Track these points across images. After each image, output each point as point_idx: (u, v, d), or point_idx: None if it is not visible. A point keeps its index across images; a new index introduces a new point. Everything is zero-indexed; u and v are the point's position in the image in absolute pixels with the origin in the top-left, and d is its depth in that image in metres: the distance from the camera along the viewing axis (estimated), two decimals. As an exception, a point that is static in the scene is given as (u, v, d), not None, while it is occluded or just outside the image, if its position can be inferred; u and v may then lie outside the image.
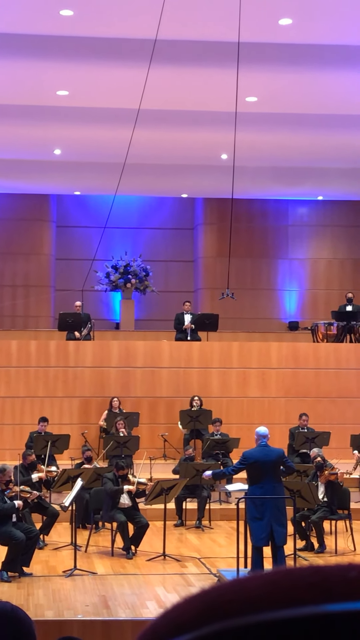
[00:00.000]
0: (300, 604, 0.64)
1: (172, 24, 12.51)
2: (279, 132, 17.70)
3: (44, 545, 11.57)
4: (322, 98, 15.83)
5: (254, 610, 0.65)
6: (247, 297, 23.16)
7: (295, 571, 0.67)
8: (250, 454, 9.92)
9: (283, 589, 0.65)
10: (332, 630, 0.64)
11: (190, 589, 9.46)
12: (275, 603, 0.65)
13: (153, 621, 0.70)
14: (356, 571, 0.66)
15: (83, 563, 10.51)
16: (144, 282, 22.53)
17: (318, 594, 0.65)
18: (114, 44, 13.67)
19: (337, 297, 22.30)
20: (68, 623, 8.23)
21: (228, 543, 11.87)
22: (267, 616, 0.64)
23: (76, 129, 17.45)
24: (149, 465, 14.71)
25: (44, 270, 23.67)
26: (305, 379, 16.94)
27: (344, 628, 0.64)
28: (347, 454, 14.79)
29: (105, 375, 16.63)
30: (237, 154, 14.65)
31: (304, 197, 23.85)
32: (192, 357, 16.87)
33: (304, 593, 0.65)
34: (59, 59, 14.10)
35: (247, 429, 15.38)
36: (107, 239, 20.78)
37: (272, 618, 0.64)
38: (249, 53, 13.21)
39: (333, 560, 11.18)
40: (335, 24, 13.07)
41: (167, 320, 19.95)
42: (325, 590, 0.65)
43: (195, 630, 0.66)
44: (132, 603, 8.93)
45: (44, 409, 16.01)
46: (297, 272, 24.35)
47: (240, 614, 0.65)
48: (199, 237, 24.31)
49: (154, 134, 17.34)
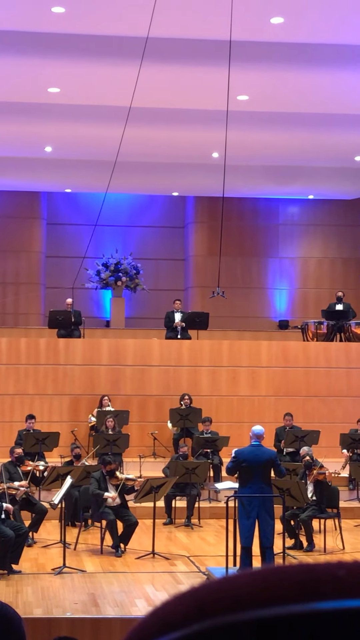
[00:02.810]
0: (289, 602, 0.64)
1: (164, 21, 12.50)
2: (270, 130, 17.70)
3: (33, 543, 11.57)
4: (314, 97, 15.84)
5: (243, 608, 0.65)
6: (238, 295, 23.17)
7: (285, 569, 0.67)
8: (240, 452, 9.92)
9: (272, 587, 0.65)
10: (321, 628, 0.64)
11: (180, 587, 9.47)
12: (265, 601, 0.65)
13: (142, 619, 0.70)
14: (345, 569, 0.66)
15: (72, 561, 10.50)
16: (134, 280, 22.53)
17: (307, 592, 0.65)
18: (105, 42, 13.65)
19: (327, 296, 22.32)
20: (57, 621, 8.23)
21: (217, 541, 11.88)
22: (256, 614, 0.64)
23: (67, 126, 17.42)
24: (138, 464, 14.71)
25: (34, 267, 23.64)
26: (295, 377, 16.96)
27: (333, 626, 0.64)
28: (336, 453, 14.83)
29: (95, 373, 16.62)
30: (228, 153, 14.65)
31: (294, 196, 23.87)
32: (182, 356, 16.87)
33: (294, 591, 0.65)
34: (50, 56, 14.07)
35: (237, 427, 15.40)
36: (97, 237, 20.76)
37: (262, 616, 0.64)
38: (241, 51, 13.21)
39: (322, 558, 11.19)
40: (327, 23, 13.08)
41: (158, 318, 19.95)
42: (315, 588, 0.65)
43: (184, 628, 0.66)
44: (121, 601, 8.93)
45: (34, 407, 15.99)
46: (287, 271, 24.37)
47: (229, 612, 0.65)
48: (189, 235, 24.31)
49: (145, 132, 17.33)
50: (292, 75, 14.82)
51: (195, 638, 0.66)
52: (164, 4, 11.91)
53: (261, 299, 24.20)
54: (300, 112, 16.67)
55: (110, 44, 13.71)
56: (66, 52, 13.90)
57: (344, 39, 13.67)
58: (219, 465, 14.54)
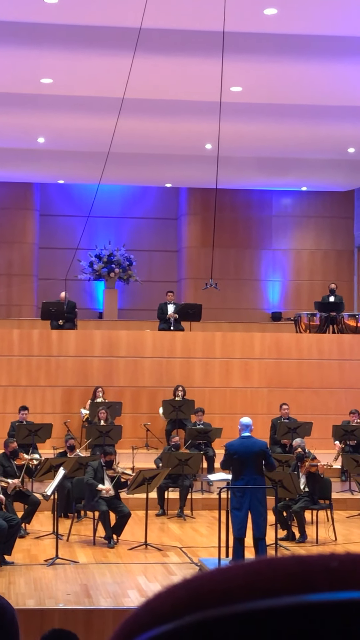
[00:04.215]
0: (282, 594, 0.64)
1: (156, 12, 12.46)
2: (264, 122, 17.68)
3: (25, 534, 11.58)
4: (307, 89, 15.82)
5: (235, 600, 0.65)
6: (231, 287, 23.17)
7: (277, 561, 0.67)
8: (231, 444, 9.93)
9: (265, 579, 0.65)
10: (314, 620, 0.64)
11: (172, 578, 9.49)
12: (257, 593, 0.65)
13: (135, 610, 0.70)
14: (338, 561, 0.66)
15: (65, 552, 10.51)
16: (127, 272, 22.52)
17: (300, 584, 0.65)
18: (98, 32, 13.61)
19: (320, 288, 22.34)
20: (49, 612, 8.24)
21: (209, 532, 11.90)
22: (248, 606, 0.64)
23: (60, 117, 17.38)
24: (131, 455, 14.72)
25: (27, 259, 23.60)
26: (287, 369, 16.98)
27: (326, 618, 0.64)
28: (329, 445, 14.85)
29: (88, 364, 16.61)
30: (222, 144, 14.63)
31: (287, 187, 23.86)
32: (175, 347, 16.88)
33: (286, 583, 0.65)
34: (43, 47, 14.02)
35: (230, 419, 15.41)
36: (90, 228, 20.73)
37: (254, 608, 0.64)
38: (234, 43, 13.19)
39: (314, 550, 11.23)
40: (321, 15, 13.06)
41: (151, 310, 19.95)
42: (308, 580, 0.65)
43: (177, 620, 0.66)
44: (114, 592, 8.95)
45: (27, 398, 15.98)
46: (280, 263, 24.37)
47: (222, 604, 0.65)
48: (182, 227, 24.29)
49: (138, 123, 17.29)
50: (286, 67, 14.80)
51: (187, 630, 0.65)
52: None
53: (254, 291, 24.21)
54: (293, 104, 16.65)
55: (103, 35, 13.67)
56: (59, 42, 13.85)
57: (338, 31, 13.65)
58: (212, 456, 14.55)
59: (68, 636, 4.62)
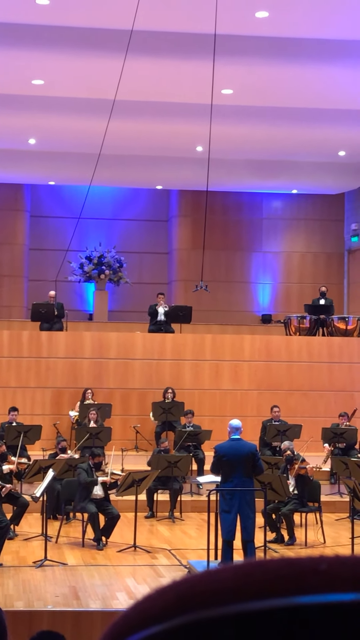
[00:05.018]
0: (271, 596, 0.65)
1: (148, 14, 12.46)
2: (255, 125, 17.70)
3: (14, 536, 11.55)
4: (298, 92, 15.84)
5: (225, 601, 0.65)
6: (221, 289, 23.18)
7: (267, 563, 0.67)
8: (220, 447, 9.92)
9: (255, 581, 0.65)
10: (304, 622, 0.64)
11: (161, 580, 9.48)
12: (247, 595, 0.65)
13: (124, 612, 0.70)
14: (327, 563, 0.66)
15: (54, 554, 10.50)
16: (117, 274, 22.51)
17: (289, 586, 0.65)
18: (90, 34, 13.61)
19: (310, 291, 22.37)
20: (38, 614, 8.22)
21: (199, 535, 11.90)
22: (238, 608, 0.64)
23: (51, 118, 17.36)
24: (120, 457, 14.71)
25: (17, 260, 23.56)
26: (277, 371, 17.00)
27: (315, 620, 0.64)
28: (318, 447, 14.87)
29: (78, 366, 16.60)
30: (213, 147, 14.64)
31: (278, 190, 23.89)
32: (165, 349, 16.88)
33: (276, 585, 0.65)
34: (34, 48, 14.01)
35: (220, 421, 15.40)
36: (81, 230, 20.71)
37: (244, 610, 0.64)
38: (225, 45, 13.20)
39: (303, 552, 11.25)
40: (312, 18, 13.08)
41: (141, 311, 19.94)
42: (297, 582, 0.65)
43: (166, 622, 0.66)
44: (103, 594, 8.94)
45: (16, 400, 15.96)
46: (270, 265, 24.39)
47: (211, 606, 0.65)
48: (173, 229, 24.28)
49: (129, 125, 17.30)
50: (277, 70, 14.82)
51: (176, 632, 0.66)
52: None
53: (244, 293, 24.22)
54: (284, 107, 16.67)
55: (94, 37, 13.67)
56: (51, 44, 13.85)
57: (329, 34, 13.68)
58: (202, 459, 14.55)
59: (56, 638, 4.61)
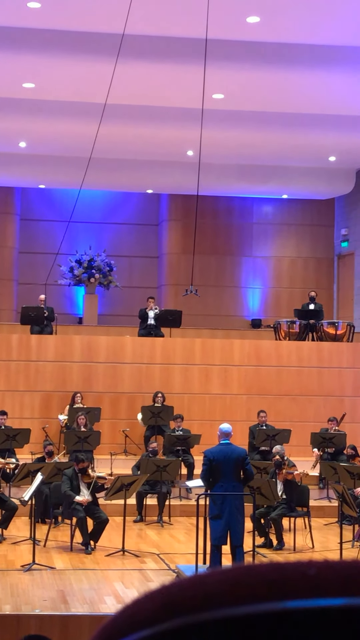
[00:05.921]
0: (259, 601, 0.65)
1: (140, 19, 12.48)
2: (245, 129, 17.73)
3: (2, 540, 11.53)
4: (288, 97, 15.88)
5: (214, 606, 0.65)
6: (211, 294, 23.18)
7: (256, 568, 0.67)
8: (210, 452, 9.91)
9: (243, 585, 0.66)
10: (291, 627, 0.64)
11: (149, 584, 9.47)
12: (236, 599, 0.65)
13: (113, 616, 0.70)
14: (315, 568, 0.66)
15: (42, 558, 10.47)
16: (107, 277, 22.49)
17: (278, 590, 0.65)
18: (81, 38, 13.62)
19: (300, 296, 22.39)
20: (26, 618, 8.20)
21: (187, 539, 11.89)
22: (227, 612, 0.65)
23: (42, 122, 17.36)
24: (109, 461, 14.69)
25: (7, 263, 23.51)
26: (267, 376, 17.01)
27: (304, 624, 0.64)
28: (307, 452, 14.88)
29: (67, 369, 16.57)
30: (203, 151, 14.66)
31: (268, 195, 23.90)
32: (154, 353, 16.87)
33: (264, 589, 0.65)
34: (25, 52, 14.01)
35: (209, 425, 15.40)
36: (71, 233, 20.70)
37: (232, 614, 0.64)
38: (216, 50, 13.22)
39: (292, 557, 11.24)
40: (303, 23, 13.11)
41: (131, 315, 19.92)
42: (285, 587, 0.65)
43: (155, 626, 0.66)
44: (91, 598, 8.92)
45: (5, 403, 15.93)
46: (260, 270, 24.41)
47: (200, 610, 0.65)
48: (163, 233, 24.28)
49: (120, 128, 17.30)
50: (268, 75, 14.84)
51: (165, 636, 0.66)
52: (140, 1, 11.89)
53: (234, 298, 24.23)
54: (275, 112, 16.71)
55: (86, 40, 13.68)
56: (42, 47, 13.85)
57: (320, 39, 13.71)
58: (192, 463, 14.54)
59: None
